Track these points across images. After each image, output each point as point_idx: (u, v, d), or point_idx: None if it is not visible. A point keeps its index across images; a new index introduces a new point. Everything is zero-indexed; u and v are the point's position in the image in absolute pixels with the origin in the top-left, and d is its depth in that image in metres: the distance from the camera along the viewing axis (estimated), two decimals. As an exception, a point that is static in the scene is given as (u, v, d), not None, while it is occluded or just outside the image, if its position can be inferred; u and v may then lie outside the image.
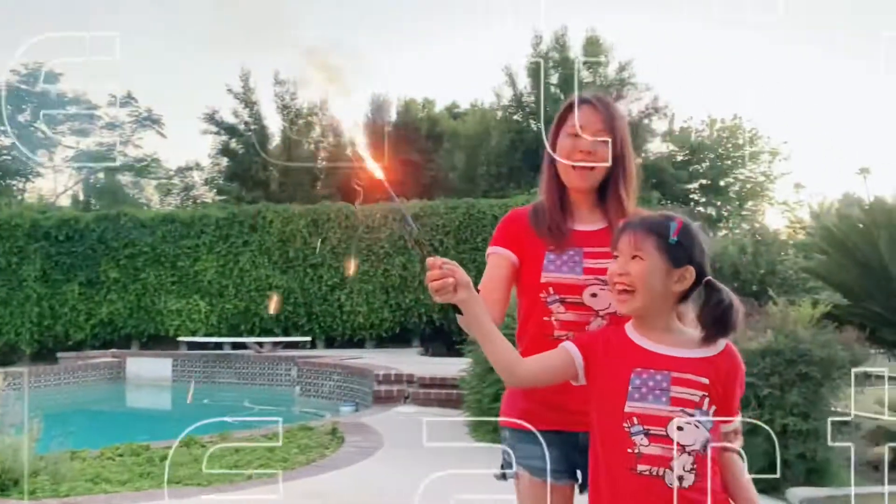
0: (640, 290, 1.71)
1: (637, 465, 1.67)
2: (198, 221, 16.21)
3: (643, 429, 1.67)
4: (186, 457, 6.10)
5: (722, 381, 1.71)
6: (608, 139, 2.03)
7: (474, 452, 6.47)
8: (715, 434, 1.69)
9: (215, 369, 13.96)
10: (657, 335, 1.74)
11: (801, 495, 4.77)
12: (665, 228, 1.73)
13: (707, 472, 1.67)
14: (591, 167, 2.04)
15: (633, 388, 1.69)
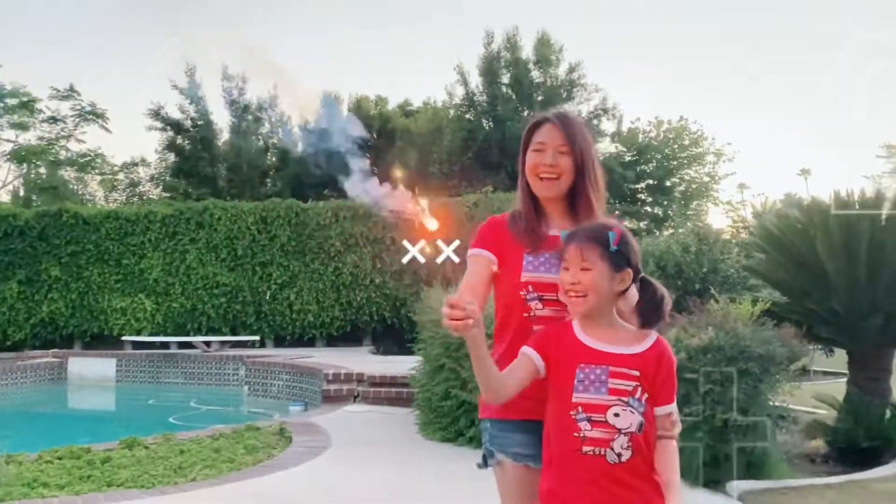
0: (591, 294, 2.00)
1: (582, 446, 1.94)
2: (143, 218, 15.86)
3: (587, 416, 1.95)
4: (129, 459, 5.98)
5: (651, 372, 1.99)
6: (569, 153, 2.27)
7: (424, 450, 6.49)
8: (648, 416, 1.97)
9: (161, 369, 13.69)
10: (600, 331, 2.02)
11: (740, 488, 4.89)
12: (606, 239, 2.00)
13: (640, 448, 1.94)
14: (556, 177, 2.27)
15: (577, 381, 1.97)
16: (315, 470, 5.65)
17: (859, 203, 6.12)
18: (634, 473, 1.94)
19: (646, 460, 1.96)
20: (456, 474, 5.58)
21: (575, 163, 2.28)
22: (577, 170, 2.28)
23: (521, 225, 2.32)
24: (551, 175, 2.27)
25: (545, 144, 2.29)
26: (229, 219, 15.70)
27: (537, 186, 2.31)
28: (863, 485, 5.04)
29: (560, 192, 2.31)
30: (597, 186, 2.32)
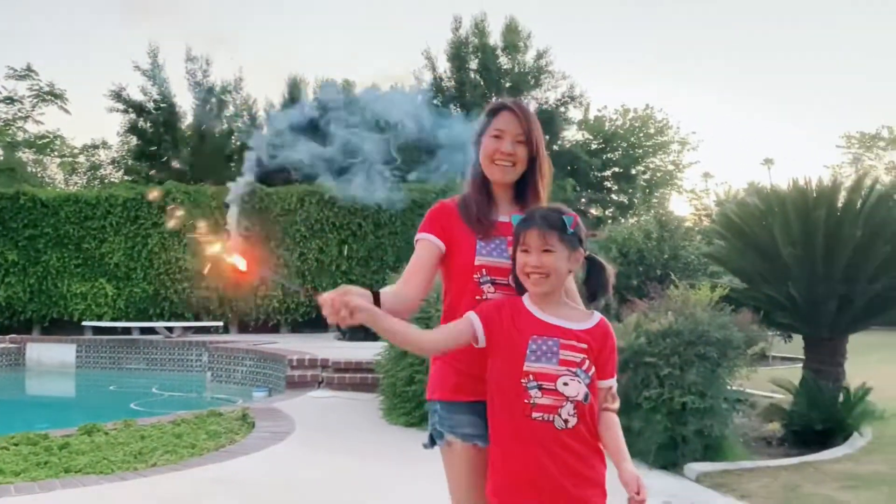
0: (553, 275, 2.13)
1: (532, 412, 2.06)
2: (104, 202, 15.59)
3: (537, 384, 2.07)
4: (88, 445, 5.89)
5: (597, 348, 2.14)
6: (525, 143, 2.36)
7: (388, 435, 6.50)
8: (592, 388, 2.10)
9: (122, 355, 13.50)
10: (551, 308, 2.16)
11: (697, 469, 4.99)
12: (563, 223, 2.14)
13: (585, 416, 2.07)
14: (512, 165, 2.36)
15: (530, 351, 2.09)
16: (278, 455, 5.63)
17: (816, 191, 6.24)
18: (579, 439, 2.07)
19: (589, 428, 2.10)
20: (419, 458, 5.60)
21: (529, 153, 2.37)
22: (530, 160, 2.38)
23: (472, 210, 2.37)
24: (507, 162, 2.35)
25: (503, 132, 2.36)
26: (192, 203, 15.49)
27: (492, 171, 2.38)
28: (815, 466, 5.17)
29: (512, 179, 2.39)
30: (545, 177, 2.43)
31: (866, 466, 5.14)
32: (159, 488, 4.66)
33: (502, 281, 2.29)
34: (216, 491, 4.61)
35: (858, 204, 6.25)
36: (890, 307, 6.57)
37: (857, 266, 6.00)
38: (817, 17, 39.55)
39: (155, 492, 4.58)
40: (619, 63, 39.36)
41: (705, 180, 27.11)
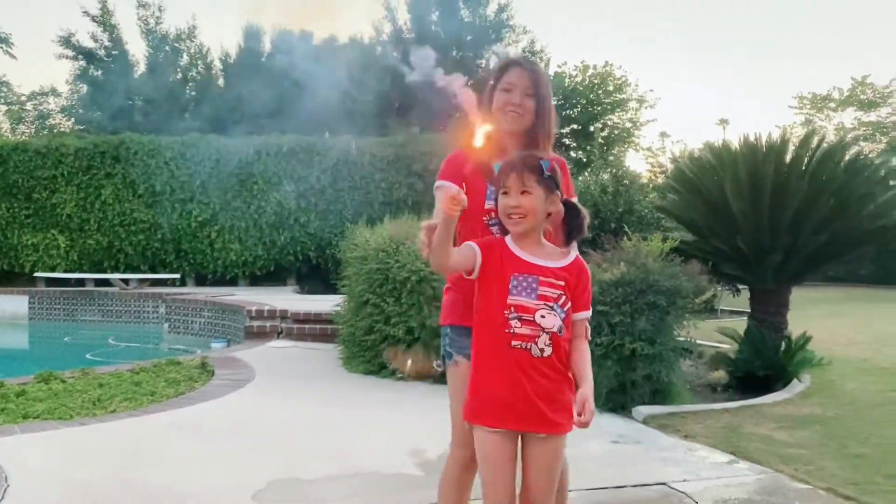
0: (531, 215, 2.29)
1: (512, 340, 2.26)
2: (54, 151, 15.19)
3: (518, 315, 2.26)
4: (46, 392, 5.89)
5: (573, 283, 2.32)
6: (533, 96, 2.59)
7: (347, 382, 6.61)
8: (567, 321, 2.30)
9: (77, 306, 13.35)
10: (531, 247, 2.33)
11: (645, 412, 5.21)
12: (540, 167, 2.29)
13: (558, 346, 2.27)
14: (521, 115, 2.60)
15: (512, 286, 2.28)
16: (238, 401, 5.70)
17: (766, 147, 6.42)
18: (552, 367, 2.27)
19: (561, 358, 2.29)
20: (377, 403, 5.74)
21: (536, 105, 2.60)
22: (537, 112, 2.60)
23: (484, 158, 2.52)
24: (517, 112, 2.59)
25: (514, 85, 2.60)
26: (147, 153, 15.21)
27: (502, 120, 2.60)
28: (756, 408, 5.43)
29: (521, 128, 2.62)
30: (551, 128, 2.66)
31: (803, 409, 5.43)
32: (119, 432, 4.70)
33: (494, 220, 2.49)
34: (177, 434, 4.67)
35: (805, 160, 6.45)
36: (831, 258, 6.86)
37: (802, 219, 6.23)
38: (776, -23, 39.82)
39: (114, 436, 4.62)
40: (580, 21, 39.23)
41: (662, 139, 27.44)
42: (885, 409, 5.42)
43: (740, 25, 41.77)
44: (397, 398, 5.94)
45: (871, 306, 11.96)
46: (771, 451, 4.32)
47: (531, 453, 2.32)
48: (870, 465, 4.06)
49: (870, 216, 6.43)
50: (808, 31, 40.75)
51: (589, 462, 3.19)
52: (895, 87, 27.34)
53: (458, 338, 2.58)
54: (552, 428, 2.28)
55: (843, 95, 27.89)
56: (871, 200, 6.43)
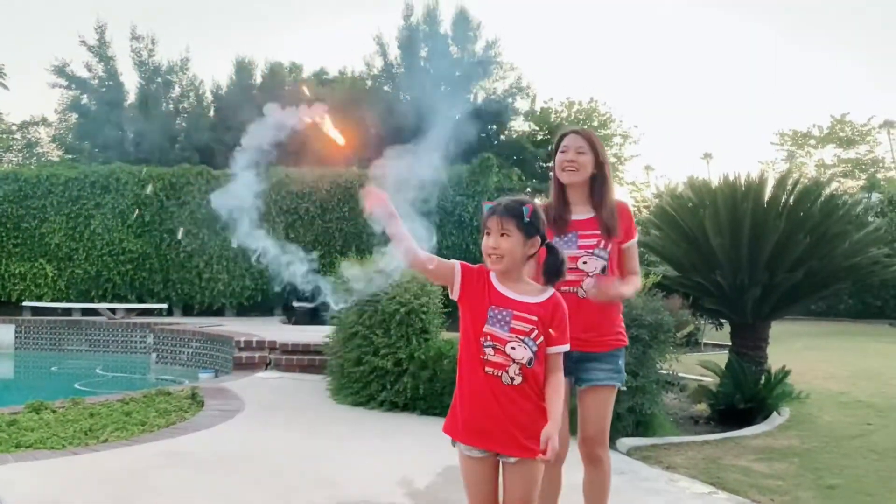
0: (507, 256, 2.48)
1: (486, 367, 2.46)
2: (44, 181, 15.28)
3: (492, 344, 2.46)
4: (37, 422, 5.94)
5: (547, 319, 2.48)
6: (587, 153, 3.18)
7: (336, 413, 6.69)
8: (540, 354, 2.46)
9: (64, 336, 13.33)
10: (511, 284, 2.52)
11: (629, 444, 5.33)
12: (521, 212, 2.48)
13: (528, 377, 2.44)
14: (576, 170, 3.17)
15: (489, 316, 2.47)
16: (228, 431, 5.77)
17: (745, 185, 6.63)
18: (524, 396, 2.44)
19: (533, 388, 2.45)
20: (366, 434, 5.83)
21: (592, 159, 3.18)
22: (593, 165, 3.18)
23: (549, 214, 3.12)
24: (572, 168, 3.17)
25: (568, 147, 3.20)
26: (136, 184, 15.31)
27: (562, 176, 3.20)
28: (736, 441, 5.57)
29: (579, 180, 3.18)
30: (608, 181, 3.20)
31: (782, 441, 5.57)
32: (111, 463, 4.77)
33: (572, 266, 3.00)
34: (168, 464, 4.75)
35: (783, 198, 6.67)
36: (808, 294, 7.04)
37: (779, 256, 6.42)
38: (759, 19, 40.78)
39: (107, 466, 4.69)
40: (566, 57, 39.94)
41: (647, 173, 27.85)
42: (860, 440, 5.57)
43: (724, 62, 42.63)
44: (385, 429, 6.03)
45: (849, 340, 12.16)
46: (749, 483, 4.45)
47: (507, 476, 2.48)
48: (843, 496, 4.20)
49: (844, 254, 6.63)
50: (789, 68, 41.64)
51: (572, 492, 3.32)
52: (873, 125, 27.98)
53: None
54: (524, 452, 2.41)
55: (823, 133, 28.47)
56: (845, 238, 6.63)
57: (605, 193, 3.18)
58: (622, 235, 3.20)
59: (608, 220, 3.17)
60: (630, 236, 3.24)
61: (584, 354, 3.14)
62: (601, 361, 3.17)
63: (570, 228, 3.16)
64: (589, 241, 3.15)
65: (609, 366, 3.17)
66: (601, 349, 3.17)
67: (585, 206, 3.20)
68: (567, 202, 3.22)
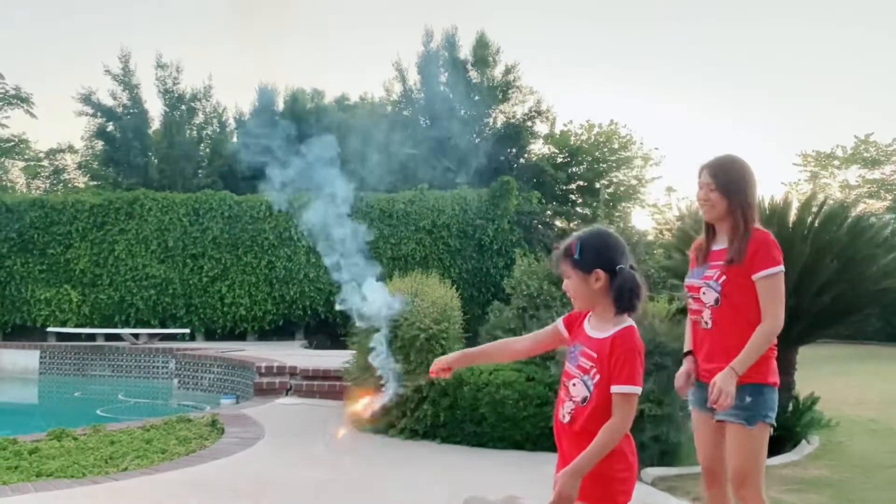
0: (575, 297, 2.44)
1: (559, 403, 2.45)
2: (70, 207, 15.50)
3: (565, 381, 2.43)
4: (58, 450, 5.95)
5: (606, 356, 2.32)
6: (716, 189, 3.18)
7: (356, 441, 6.64)
8: (600, 393, 2.30)
9: (87, 361, 13.43)
10: (594, 321, 2.43)
11: (654, 474, 5.22)
12: (570, 251, 2.40)
13: (577, 417, 2.34)
14: (712, 206, 3.21)
15: (568, 352, 2.47)
16: (248, 460, 5.74)
17: (769, 208, 6.54)
18: (573, 435, 2.35)
19: (583, 429, 2.31)
20: (386, 462, 5.77)
21: (722, 195, 3.17)
22: (726, 200, 3.17)
23: (698, 243, 3.33)
24: (706, 205, 3.22)
25: (701, 184, 3.25)
26: (160, 210, 15.49)
27: (702, 212, 3.29)
28: (765, 470, 5.42)
29: (716, 216, 3.22)
30: (744, 213, 3.15)
31: (812, 471, 5.43)
32: (131, 492, 4.75)
33: (695, 295, 3.21)
34: (188, 494, 4.72)
35: (808, 221, 6.56)
36: (836, 320, 6.90)
37: (806, 281, 6.30)
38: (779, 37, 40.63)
39: (127, 495, 4.68)
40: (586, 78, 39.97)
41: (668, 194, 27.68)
42: (893, 471, 5.42)
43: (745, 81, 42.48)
44: (406, 457, 5.97)
45: (878, 364, 11.92)
46: (779, 515, 4.33)
47: None
48: (878, 530, 4.07)
49: (873, 278, 6.50)
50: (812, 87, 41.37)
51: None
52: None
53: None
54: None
55: (847, 153, 28.15)
56: (873, 262, 6.50)
57: (742, 225, 3.13)
58: (750, 266, 3.08)
59: (733, 251, 3.11)
60: (759, 267, 3.07)
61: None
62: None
63: (708, 258, 3.23)
64: (711, 272, 3.17)
65: (735, 401, 3.01)
66: None
67: (724, 237, 3.21)
68: (713, 234, 3.27)
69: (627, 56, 40.41)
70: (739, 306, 3.10)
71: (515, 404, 6.29)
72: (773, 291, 3.11)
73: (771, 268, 3.09)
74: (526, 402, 6.29)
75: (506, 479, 5.20)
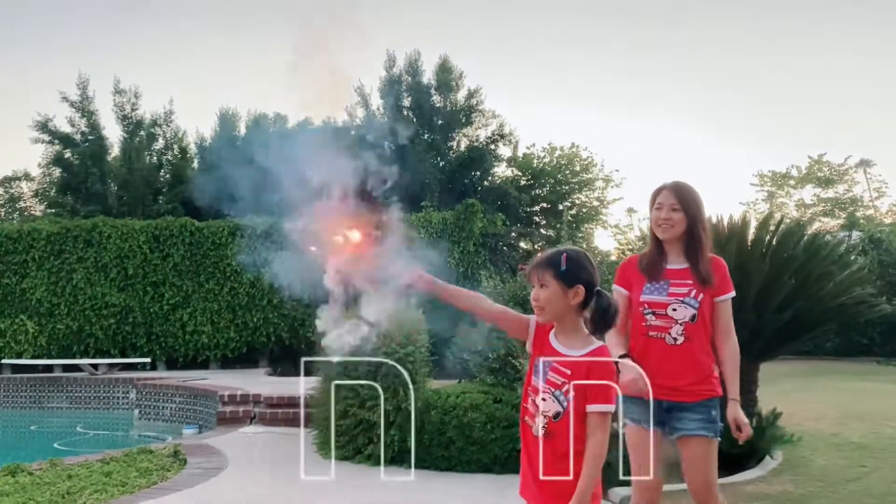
0: (547, 307, 2.41)
1: (525, 415, 2.48)
2: (26, 236, 15.14)
3: (532, 395, 2.45)
4: (13, 486, 5.76)
5: (584, 375, 2.35)
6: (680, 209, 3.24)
7: (322, 468, 6.54)
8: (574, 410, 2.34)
9: (44, 393, 13.08)
10: (562, 335, 2.45)
11: (622, 494, 5.22)
12: (556, 262, 2.40)
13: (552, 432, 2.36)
14: (671, 226, 3.25)
15: (534, 366, 2.46)
16: (210, 491, 5.62)
17: (728, 227, 6.66)
18: (549, 450, 2.38)
19: (558, 444, 2.36)
20: (354, 489, 5.69)
21: (685, 216, 3.24)
22: (687, 221, 3.23)
23: (643, 262, 3.32)
24: (667, 225, 3.25)
25: (662, 204, 3.28)
26: (120, 237, 15.22)
27: (658, 232, 3.29)
28: (729, 487, 5.47)
29: (673, 236, 3.26)
30: (702, 235, 3.25)
31: (776, 486, 5.48)
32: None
33: (661, 311, 3.19)
34: (149, 527, 4.60)
35: (766, 239, 6.69)
36: (796, 335, 7.01)
37: (766, 298, 6.41)
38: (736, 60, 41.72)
39: (86, 530, 4.54)
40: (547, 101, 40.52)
41: (629, 215, 28.05)
42: (855, 484, 5.49)
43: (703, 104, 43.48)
44: (372, 484, 5.90)
45: (837, 379, 12.13)
46: (745, 531, 4.35)
47: None
48: (842, 543, 4.11)
49: (830, 294, 6.63)
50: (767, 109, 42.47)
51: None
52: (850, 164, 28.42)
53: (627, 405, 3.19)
54: None
55: (802, 173, 28.86)
56: (830, 278, 6.65)
57: (700, 247, 3.24)
58: (716, 289, 3.26)
59: (703, 272, 3.23)
60: (724, 290, 3.30)
61: (674, 404, 3.17)
62: (692, 412, 3.17)
63: (663, 276, 3.25)
64: (681, 290, 3.21)
65: (700, 416, 3.16)
66: (691, 399, 3.17)
67: (680, 258, 3.28)
68: (664, 252, 3.31)
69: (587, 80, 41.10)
70: (707, 324, 3.26)
71: (483, 427, 6.27)
72: (730, 314, 3.36)
73: (732, 292, 3.35)
74: (493, 425, 6.27)
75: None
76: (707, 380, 3.21)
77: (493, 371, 7.11)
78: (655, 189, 3.36)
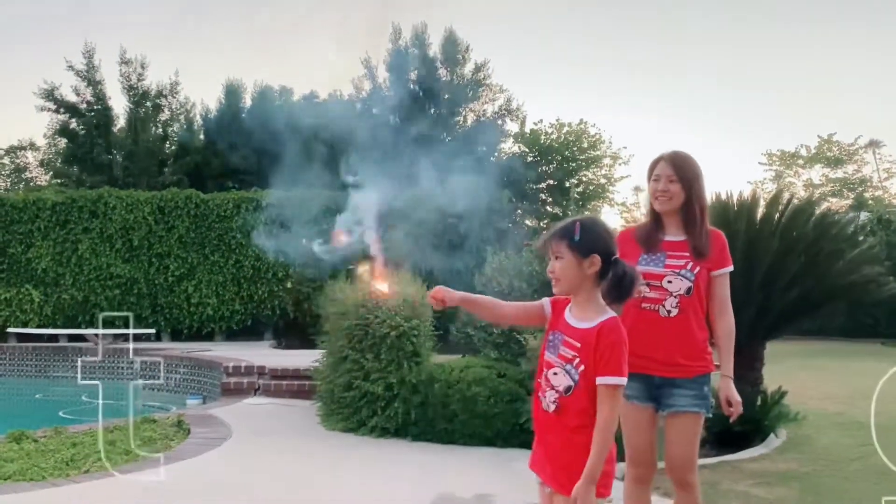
0: (563, 279, 2.37)
1: (538, 391, 2.43)
2: (31, 206, 15.14)
3: (545, 370, 2.40)
4: (17, 452, 5.77)
5: (591, 347, 2.30)
6: (677, 181, 3.16)
7: (326, 440, 6.55)
8: (581, 384, 2.30)
9: (49, 363, 13.12)
10: (576, 307, 2.39)
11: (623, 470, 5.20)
12: (570, 232, 2.36)
13: (562, 407, 2.32)
14: (668, 198, 3.17)
15: (548, 340, 2.44)
16: (214, 461, 5.63)
17: (737, 205, 6.58)
18: (558, 425, 2.34)
19: (568, 419, 2.32)
20: (356, 462, 5.70)
21: (683, 187, 3.16)
22: (685, 193, 3.15)
23: (640, 233, 3.25)
24: (664, 197, 3.17)
25: (660, 176, 3.20)
26: (125, 208, 15.20)
27: (655, 204, 3.22)
28: (733, 465, 5.46)
29: (671, 208, 3.18)
30: (700, 207, 3.18)
31: (780, 464, 5.47)
32: (91, 495, 4.62)
33: (656, 283, 3.11)
34: (151, 496, 4.61)
35: (776, 217, 6.62)
36: (803, 314, 6.98)
37: (774, 275, 6.35)
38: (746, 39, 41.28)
39: (89, 498, 4.55)
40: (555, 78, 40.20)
41: (636, 193, 27.91)
42: (859, 462, 5.47)
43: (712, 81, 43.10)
44: (376, 455, 5.90)
45: (843, 359, 12.10)
46: (749, 508, 4.34)
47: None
48: (846, 521, 4.09)
49: (839, 273, 6.57)
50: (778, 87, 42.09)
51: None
52: (860, 144, 28.17)
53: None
54: (553, 484, 2.33)
55: (811, 153, 28.62)
56: (840, 257, 6.58)
57: (699, 219, 3.17)
58: (713, 262, 3.18)
59: (699, 244, 3.16)
60: (722, 264, 3.21)
61: (665, 380, 3.11)
62: (684, 388, 3.11)
63: (660, 248, 3.18)
64: (677, 262, 3.15)
65: (692, 392, 3.11)
66: (684, 375, 3.11)
67: (678, 230, 3.20)
68: (662, 225, 3.23)
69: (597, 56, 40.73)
70: (703, 297, 3.18)
71: (486, 401, 6.26)
72: (727, 289, 3.25)
73: (729, 266, 3.24)
74: (497, 399, 6.26)
75: (476, 478, 5.16)
76: (701, 356, 3.15)
77: (497, 346, 7.10)
78: (653, 160, 3.28)
